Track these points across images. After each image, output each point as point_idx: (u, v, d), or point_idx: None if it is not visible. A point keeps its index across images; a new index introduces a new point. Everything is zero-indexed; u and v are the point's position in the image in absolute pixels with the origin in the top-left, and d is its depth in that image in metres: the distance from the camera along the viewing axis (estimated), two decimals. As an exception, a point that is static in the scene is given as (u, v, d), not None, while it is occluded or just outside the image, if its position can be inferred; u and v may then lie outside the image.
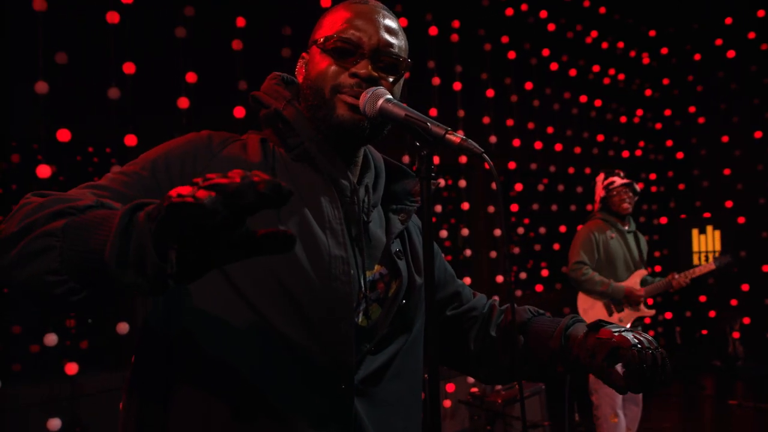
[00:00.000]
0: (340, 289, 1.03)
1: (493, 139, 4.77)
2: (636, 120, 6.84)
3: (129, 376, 1.08)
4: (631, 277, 3.93)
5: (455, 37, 4.60)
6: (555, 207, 5.46)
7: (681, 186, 7.07)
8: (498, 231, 5.04)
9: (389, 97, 1.03)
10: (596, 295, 3.83)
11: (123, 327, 3.10)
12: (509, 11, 5.02)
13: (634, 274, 3.95)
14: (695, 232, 6.57)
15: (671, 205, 7.11)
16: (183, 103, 3.41)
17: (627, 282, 3.89)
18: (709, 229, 6.45)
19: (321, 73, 1.08)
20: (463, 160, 4.63)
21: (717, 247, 6.38)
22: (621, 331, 1.08)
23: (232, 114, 3.53)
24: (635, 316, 3.87)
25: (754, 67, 6.60)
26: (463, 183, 4.54)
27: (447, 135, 0.95)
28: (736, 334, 6.74)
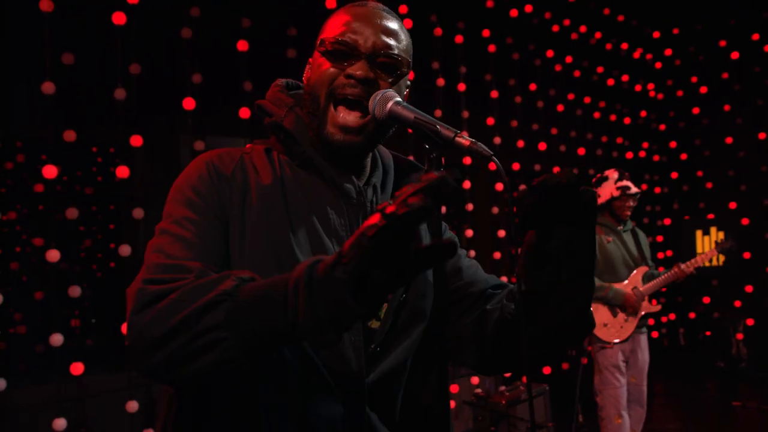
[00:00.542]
0: None
1: (497, 140, 4.77)
2: (640, 121, 6.83)
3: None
4: (633, 275, 3.92)
5: (460, 39, 4.61)
6: (558, 208, 5.44)
7: (685, 187, 7.05)
8: (502, 232, 5.04)
9: (399, 99, 1.03)
10: (596, 300, 3.82)
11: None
12: (514, 12, 5.02)
13: (636, 271, 3.93)
14: (699, 233, 6.55)
15: (675, 206, 7.09)
16: (188, 103, 3.41)
17: (629, 281, 3.89)
18: (713, 230, 6.43)
19: (319, 77, 1.09)
20: (467, 162, 4.63)
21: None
22: None
23: (237, 115, 3.53)
24: (640, 315, 3.87)
25: (758, 69, 6.59)
26: (467, 184, 4.54)
27: (457, 138, 0.95)
28: (740, 336, 6.72)
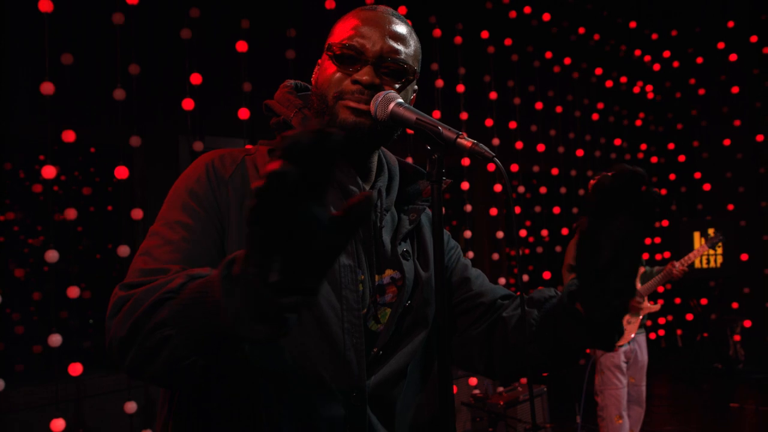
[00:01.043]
0: (349, 297, 1.05)
1: (496, 141, 4.77)
2: (638, 123, 6.84)
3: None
4: None
5: (459, 40, 4.61)
6: (557, 209, 5.46)
7: (683, 189, 7.07)
8: (500, 233, 5.04)
9: (400, 101, 1.03)
10: None
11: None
12: (512, 14, 5.03)
13: None
14: (697, 234, 6.56)
15: (673, 207, 7.11)
16: (188, 104, 3.41)
17: None
18: (711, 231, 6.44)
19: (326, 80, 1.09)
20: (466, 162, 4.63)
21: (718, 251, 6.39)
22: None
23: (236, 115, 3.52)
24: (641, 315, 3.88)
25: (756, 71, 6.61)
26: (466, 185, 4.54)
27: (458, 139, 0.96)
28: (737, 337, 6.74)
